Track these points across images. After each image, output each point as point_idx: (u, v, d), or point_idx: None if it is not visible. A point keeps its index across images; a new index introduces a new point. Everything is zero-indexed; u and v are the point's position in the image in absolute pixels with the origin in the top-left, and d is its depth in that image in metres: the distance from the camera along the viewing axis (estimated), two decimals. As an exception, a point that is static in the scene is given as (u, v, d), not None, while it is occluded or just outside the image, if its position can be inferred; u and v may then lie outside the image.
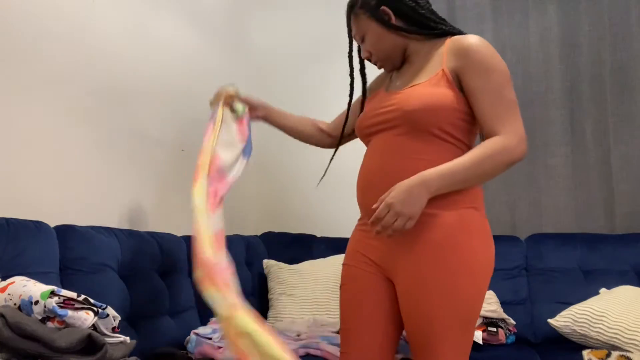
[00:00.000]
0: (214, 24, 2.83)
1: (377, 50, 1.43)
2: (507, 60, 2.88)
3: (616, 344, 1.94)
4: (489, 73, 1.27)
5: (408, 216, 1.21)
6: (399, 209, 1.20)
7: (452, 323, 1.27)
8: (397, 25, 1.39)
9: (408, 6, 1.38)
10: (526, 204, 2.80)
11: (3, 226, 1.40)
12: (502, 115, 1.26)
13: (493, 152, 1.23)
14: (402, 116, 1.31)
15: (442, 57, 1.33)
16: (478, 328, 2.18)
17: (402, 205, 1.20)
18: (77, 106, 1.84)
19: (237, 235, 2.61)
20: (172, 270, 2.04)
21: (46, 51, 1.71)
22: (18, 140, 1.61)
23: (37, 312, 1.15)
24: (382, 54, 1.43)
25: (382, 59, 1.45)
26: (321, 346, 1.92)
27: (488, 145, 1.24)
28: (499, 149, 1.23)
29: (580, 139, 2.76)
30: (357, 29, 1.44)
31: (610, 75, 2.73)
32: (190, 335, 1.86)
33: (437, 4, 3.00)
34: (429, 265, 1.28)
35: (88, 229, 1.68)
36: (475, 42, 1.29)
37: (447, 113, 1.29)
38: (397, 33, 1.40)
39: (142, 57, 2.20)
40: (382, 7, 1.39)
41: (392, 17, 1.39)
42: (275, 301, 2.46)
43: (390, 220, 1.21)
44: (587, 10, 2.79)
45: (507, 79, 1.29)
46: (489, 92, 1.26)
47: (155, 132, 2.28)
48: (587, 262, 2.47)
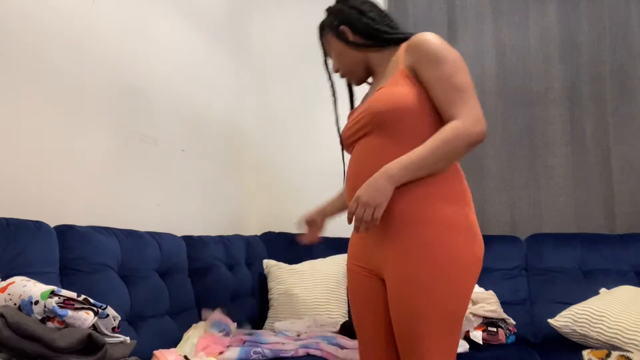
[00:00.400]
0: (214, 23, 2.83)
1: (341, 65, 1.57)
2: (507, 60, 2.89)
3: (616, 344, 1.94)
4: (440, 63, 1.33)
5: (374, 205, 1.27)
6: (364, 200, 1.27)
7: (435, 320, 1.28)
8: (355, 42, 1.52)
9: (363, 23, 1.51)
10: (526, 204, 2.80)
11: (3, 226, 1.40)
12: (456, 100, 1.31)
13: (450, 135, 1.27)
14: (371, 120, 1.39)
15: (398, 59, 1.44)
16: (478, 328, 2.18)
17: (367, 196, 1.27)
18: (77, 106, 1.84)
19: (237, 235, 2.62)
20: (172, 270, 2.04)
21: (45, 51, 1.71)
22: (18, 141, 1.61)
23: (37, 312, 1.15)
24: (346, 68, 1.57)
25: (347, 73, 1.58)
26: (321, 346, 1.92)
27: (446, 129, 1.29)
28: (456, 132, 1.27)
29: (580, 139, 2.76)
30: (327, 48, 1.61)
31: (610, 75, 2.73)
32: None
33: (437, 4, 3.00)
34: (409, 263, 1.30)
35: (88, 229, 1.68)
36: (425, 36, 1.36)
37: (411, 110, 1.35)
38: (357, 49, 1.52)
39: (142, 57, 2.20)
40: (341, 27, 1.53)
41: (350, 35, 1.52)
42: (275, 301, 2.47)
43: (360, 213, 1.28)
44: (587, 10, 2.80)
45: (458, 66, 1.34)
46: (442, 81, 1.32)
47: (155, 131, 2.28)
48: (587, 262, 2.47)
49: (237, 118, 3.06)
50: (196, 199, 2.60)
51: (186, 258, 2.16)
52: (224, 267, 2.34)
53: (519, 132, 2.84)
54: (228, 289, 2.30)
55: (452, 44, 2.97)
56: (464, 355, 2.02)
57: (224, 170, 2.91)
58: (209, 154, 2.74)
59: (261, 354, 1.80)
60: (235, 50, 3.08)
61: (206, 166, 2.71)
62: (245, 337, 1.92)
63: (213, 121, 2.77)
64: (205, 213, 2.68)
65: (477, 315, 2.19)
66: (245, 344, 1.88)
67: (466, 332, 2.15)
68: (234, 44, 3.06)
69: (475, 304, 2.24)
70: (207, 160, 2.72)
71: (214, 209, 2.78)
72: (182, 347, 1.77)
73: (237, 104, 3.07)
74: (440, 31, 2.98)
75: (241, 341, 1.90)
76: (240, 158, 3.10)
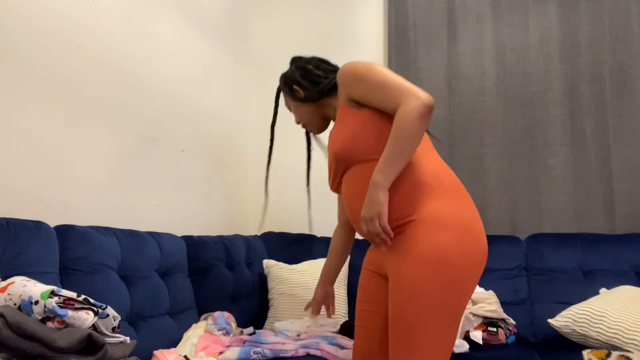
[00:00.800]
0: (214, 24, 2.83)
1: (300, 118, 1.75)
2: (507, 60, 2.89)
3: (616, 344, 1.94)
4: (363, 78, 1.44)
5: (374, 215, 1.35)
6: (366, 216, 1.37)
7: (420, 318, 1.30)
8: (305, 98, 1.68)
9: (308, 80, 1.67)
10: (526, 204, 2.80)
11: (3, 226, 1.40)
12: (391, 94, 1.39)
13: (399, 122, 1.34)
14: (337, 161, 1.52)
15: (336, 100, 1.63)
16: (478, 328, 2.18)
17: (366, 211, 1.37)
18: (77, 106, 1.84)
19: (237, 235, 2.62)
20: (172, 270, 2.04)
21: (45, 52, 1.71)
22: (18, 141, 1.61)
23: (37, 312, 1.15)
24: (303, 120, 1.74)
25: (306, 124, 1.76)
26: (321, 346, 1.92)
27: (395, 119, 1.36)
28: (402, 115, 1.34)
29: (580, 139, 2.76)
30: (286, 103, 1.79)
31: (610, 75, 2.73)
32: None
33: (437, 4, 3.00)
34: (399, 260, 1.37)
35: (88, 229, 1.68)
36: (344, 67, 1.50)
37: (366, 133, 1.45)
38: (307, 103, 1.69)
39: (141, 57, 2.20)
40: (293, 86, 1.70)
41: (300, 92, 1.68)
42: (275, 301, 2.47)
43: (370, 229, 1.37)
44: (587, 10, 2.80)
45: (375, 70, 1.43)
46: (372, 89, 1.42)
47: (155, 131, 2.28)
48: (587, 262, 2.47)
49: (237, 118, 3.06)
50: (196, 199, 2.60)
51: (186, 258, 2.16)
52: (224, 267, 2.34)
53: (519, 132, 2.84)
54: (228, 289, 2.30)
55: (452, 44, 2.97)
56: (464, 355, 2.02)
57: (224, 170, 2.91)
58: (209, 154, 2.74)
59: (261, 354, 1.80)
60: (235, 50, 3.08)
61: (206, 166, 2.71)
62: (245, 337, 1.92)
63: (213, 121, 2.77)
64: (205, 213, 2.68)
65: (477, 315, 2.19)
66: (245, 344, 1.88)
67: (466, 332, 2.15)
68: (234, 44, 3.06)
69: (475, 304, 2.24)
70: (207, 160, 2.72)
71: (214, 209, 2.78)
72: (182, 347, 1.77)
73: (237, 104, 3.07)
74: (440, 31, 2.98)
75: (241, 341, 1.90)
76: (240, 158, 3.10)
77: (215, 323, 1.94)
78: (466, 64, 2.94)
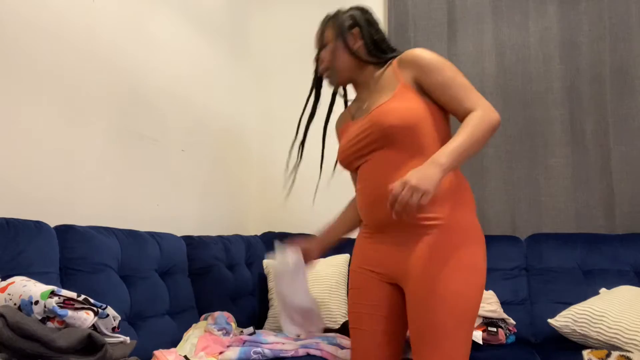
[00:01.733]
0: (214, 23, 2.83)
1: (331, 62, 1.57)
2: (507, 60, 2.89)
3: (616, 344, 1.94)
4: (440, 69, 1.42)
5: (423, 190, 1.24)
6: (414, 183, 1.24)
7: (458, 323, 1.34)
8: (357, 53, 1.55)
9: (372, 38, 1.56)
10: (526, 204, 2.80)
11: (3, 226, 1.40)
12: (468, 96, 1.40)
13: (478, 121, 1.35)
14: (382, 134, 1.42)
15: (395, 75, 1.48)
16: (478, 328, 2.18)
17: (417, 180, 1.25)
18: (76, 106, 1.84)
19: (237, 235, 2.62)
20: (172, 270, 2.04)
21: (45, 52, 1.71)
22: (18, 141, 1.61)
23: (37, 312, 1.15)
24: (334, 65, 1.57)
25: (333, 72, 1.58)
26: (321, 346, 1.92)
27: (472, 118, 1.36)
28: (482, 118, 1.36)
29: (580, 139, 2.76)
30: (325, 37, 1.60)
31: (610, 75, 2.73)
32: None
33: (437, 3, 3.00)
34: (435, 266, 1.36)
35: (88, 229, 1.68)
36: (417, 51, 1.45)
37: (425, 123, 1.42)
38: (352, 55, 1.55)
39: (141, 57, 2.20)
40: (354, 30, 1.56)
41: (357, 43, 1.56)
42: (275, 301, 2.46)
43: (406, 196, 1.24)
44: (587, 10, 2.80)
45: (456, 70, 1.44)
46: (449, 83, 1.41)
47: (155, 132, 2.28)
48: (587, 262, 2.46)
49: (237, 118, 3.06)
50: (196, 199, 2.60)
51: (186, 258, 2.16)
52: (224, 267, 2.34)
53: (519, 132, 2.84)
54: (228, 289, 2.30)
55: (452, 44, 2.97)
56: (464, 355, 2.02)
57: (224, 170, 2.91)
58: (209, 154, 2.74)
59: (261, 354, 1.80)
60: (235, 50, 3.08)
61: (206, 166, 2.71)
62: (245, 337, 1.92)
63: (213, 121, 2.77)
64: (205, 213, 2.68)
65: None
66: (245, 344, 1.88)
67: (466, 332, 2.15)
68: (234, 44, 3.06)
69: (475, 304, 2.25)
70: (207, 160, 2.72)
71: (214, 209, 2.78)
72: (182, 347, 1.77)
73: (237, 104, 3.07)
74: (440, 31, 2.98)
75: (241, 341, 1.90)
76: (240, 158, 3.09)
77: (215, 323, 1.94)
78: (466, 64, 2.94)
